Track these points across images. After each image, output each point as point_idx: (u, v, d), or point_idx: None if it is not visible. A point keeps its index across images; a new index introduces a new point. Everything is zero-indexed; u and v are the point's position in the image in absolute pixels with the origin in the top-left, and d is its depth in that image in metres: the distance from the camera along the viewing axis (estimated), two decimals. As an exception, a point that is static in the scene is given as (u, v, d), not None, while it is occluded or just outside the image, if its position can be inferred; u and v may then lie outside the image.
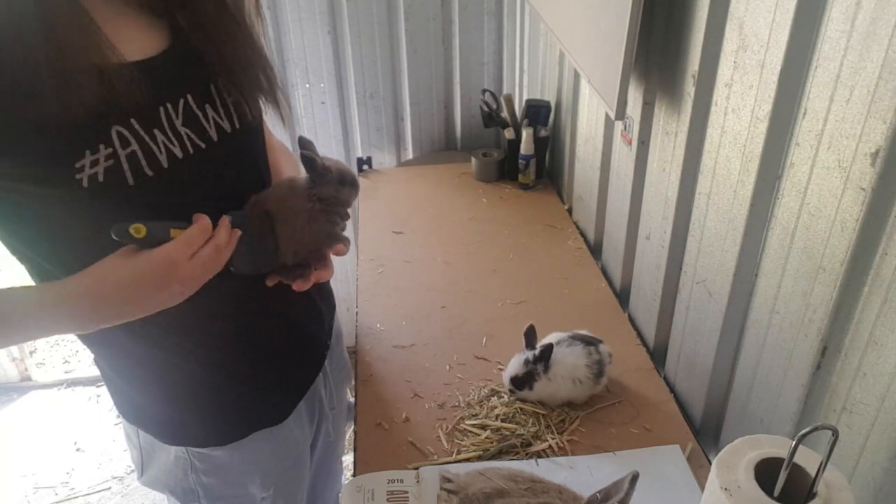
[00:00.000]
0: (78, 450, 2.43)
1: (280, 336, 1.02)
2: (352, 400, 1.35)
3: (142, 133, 0.79)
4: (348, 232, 1.03)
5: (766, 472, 0.70)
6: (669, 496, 1.02)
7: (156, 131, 0.81)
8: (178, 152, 0.83)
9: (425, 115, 2.27)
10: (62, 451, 2.43)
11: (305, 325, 1.07)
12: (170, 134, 0.83)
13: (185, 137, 0.84)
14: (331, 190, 0.92)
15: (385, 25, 2.12)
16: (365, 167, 2.18)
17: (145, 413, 0.99)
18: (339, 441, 1.36)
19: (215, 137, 0.88)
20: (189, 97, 0.85)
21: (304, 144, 0.94)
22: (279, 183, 0.95)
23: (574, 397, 1.19)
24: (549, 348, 1.16)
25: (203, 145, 0.86)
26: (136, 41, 0.81)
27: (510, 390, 1.21)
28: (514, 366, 1.19)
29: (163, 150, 0.82)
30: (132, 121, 0.78)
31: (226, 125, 0.90)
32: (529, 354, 1.17)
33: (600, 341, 1.22)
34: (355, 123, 2.26)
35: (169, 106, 0.83)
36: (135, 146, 0.79)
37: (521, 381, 1.17)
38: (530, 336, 1.21)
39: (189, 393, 0.96)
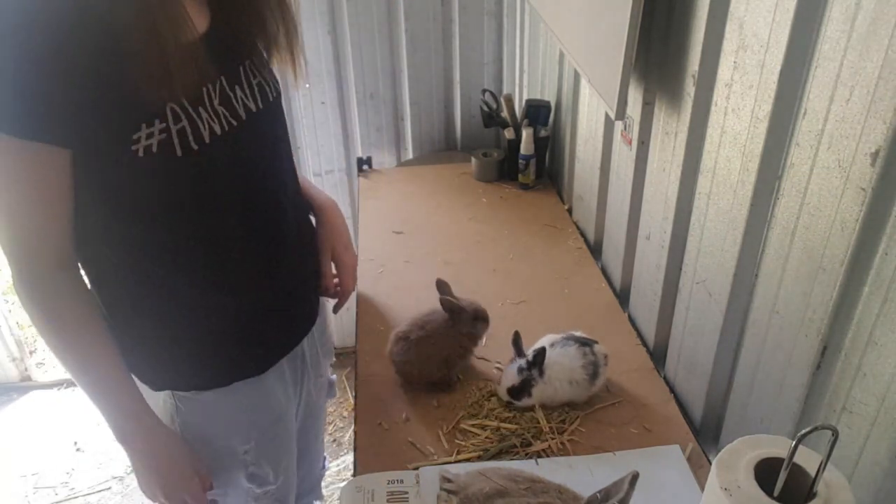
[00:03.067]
0: (78, 450, 2.43)
1: (274, 292, 1.06)
2: (333, 377, 1.38)
3: (190, 110, 0.86)
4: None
5: (766, 472, 0.70)
6: (669, 496, 1.02)
7: (200, 109, 0.88)
8: (217, 129, 0.90)
9: (425, 115, 2.27)
10: (62, 451, 2.43)
11: (298, 285, 1.11)
12: (210, 112, 0.89)
13: (221, 116, 0.91)
14: (468, 326, 1.23)
15: (385, 25, 2.12)
16: (365, 167, 2.17)
17: (137, 357, 1.01)
18: (319, 415, 1.38)
19: (244, 116, 0.94)
20: (223, 79, 0.92)
21: (441, 289, 1.25)
22: (436, 319, 1.24)
23: (572, 398, 1.18)
24: (541, 352, 1.14)
25: (235, 123, 0.92)
26: (193, 18, 0.86)
27: (508, 402, 1.18)
28: (509, 376, 1.17)
29: (206, 126, 0.88)
30: (183, 99, 0.85)
31: (251, 105, 0.96)
32: (522, 362, 1.15)
33: (595, 342, 1.21)
34: (355, 123, 2.26)
35: (210, 86, 0.90)
36: (184, 122, 0.86)
37: (519, 391, 1.16)
38: (518, 344, 1.19)
39: (182, 336, 1.00)
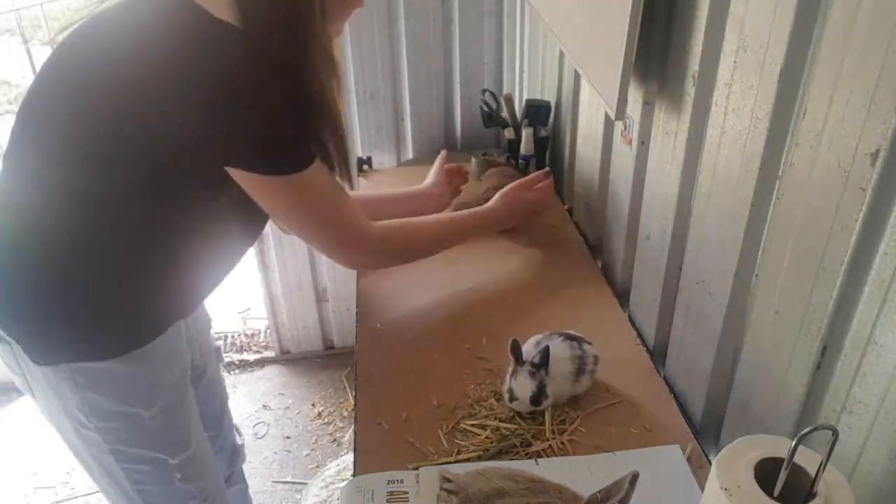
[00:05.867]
0: (78, 450, 2.43)
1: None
2: (218, 343, 1.42)
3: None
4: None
5: (766, 472, 0.70)
6: (669, 496, 1.02)
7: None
8: None
9: (425, 115, 2.27)
10: (62, 451, 2.42)
11: None
12: None
13: None
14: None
15: (385, 25, 2.12)
16: (365, 167, 2.17)
17: (22, 326, 0.95)
18: (218, 384, 1.42)
19: None
20: None
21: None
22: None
23: (559, 394, 1.16)
24: (545, 351, 1.12)
25: None
26: None
27: (532, 412, 1.14)
28: (525, 386, 1.12)
29: None
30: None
31: None
32: (529, 367, 1.12)
33: (587, 342, 1.19)
34: (355, 123, 2.26)
35: None
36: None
37: (539, 396, 1.12)
38: (517, 351, 1.15)
39: (71, 308, 0.93)
